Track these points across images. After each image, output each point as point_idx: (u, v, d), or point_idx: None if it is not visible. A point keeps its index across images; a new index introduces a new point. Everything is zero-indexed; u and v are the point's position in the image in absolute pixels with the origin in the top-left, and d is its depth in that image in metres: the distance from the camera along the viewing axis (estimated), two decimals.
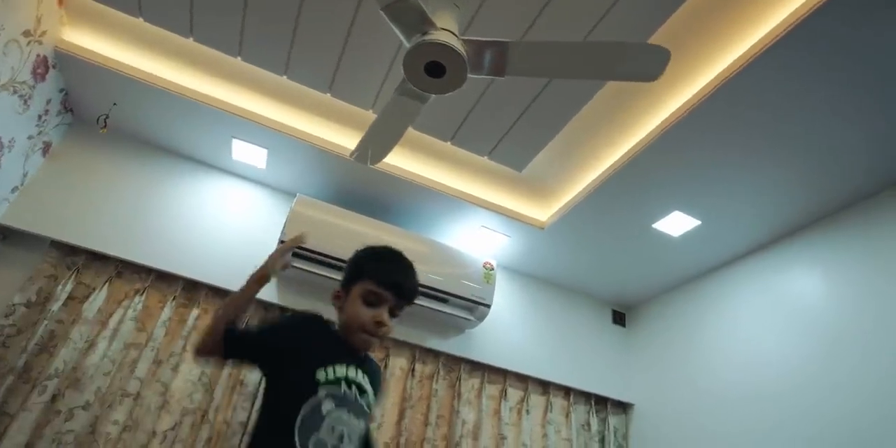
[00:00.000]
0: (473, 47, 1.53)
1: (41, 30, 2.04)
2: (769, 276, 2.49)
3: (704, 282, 2.84)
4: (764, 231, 2.51)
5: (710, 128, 2.03)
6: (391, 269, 1.25)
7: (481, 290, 2.63)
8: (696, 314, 2.79)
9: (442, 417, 2.51)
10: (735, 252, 2.67)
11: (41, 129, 2.26)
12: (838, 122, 1.92)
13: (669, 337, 2.89)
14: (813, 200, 2.30)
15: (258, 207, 2.64)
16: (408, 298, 1.24)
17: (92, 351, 2.05)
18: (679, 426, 2.61)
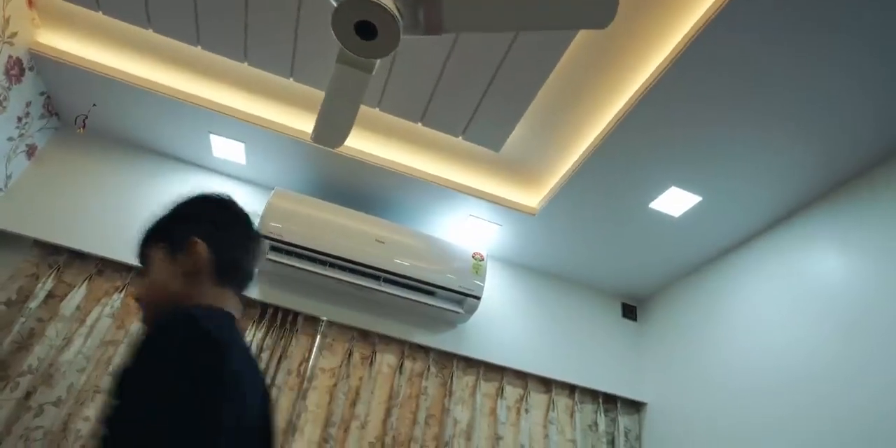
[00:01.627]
0: (404, 2, 1.43)
1: (10, 31, 2.08)
2: (785, 255, 2.25)
3: (716, 266, 2.60)
4: (773, 205, 2.28)
5: (695, 94, 1.86)
6: None
7: (470, 282, 2.49)
8: (710, 303, 2.56)
9: (433, 417, 2.37)
10: (744, 231, 2.44)
11: (22, 132, 2.30)
12: (840, 81, 1.72)
13: (684, 330, 2.66)
14: (823, 169, 2.07)
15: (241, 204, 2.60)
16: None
17: (67, 348, 2.04)
18: (696, 425, 2.37)
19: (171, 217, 1.02)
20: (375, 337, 2.48)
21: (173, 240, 0.97)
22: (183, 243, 0.95)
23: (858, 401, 1.74)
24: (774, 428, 1.99)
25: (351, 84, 1.70)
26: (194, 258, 0.94)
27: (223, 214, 1.05)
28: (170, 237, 0.98)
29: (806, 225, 2.21)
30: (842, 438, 1.74)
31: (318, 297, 2.47)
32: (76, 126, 2.35)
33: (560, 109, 2.18)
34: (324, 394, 2.27)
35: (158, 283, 0.95)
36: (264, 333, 2.30)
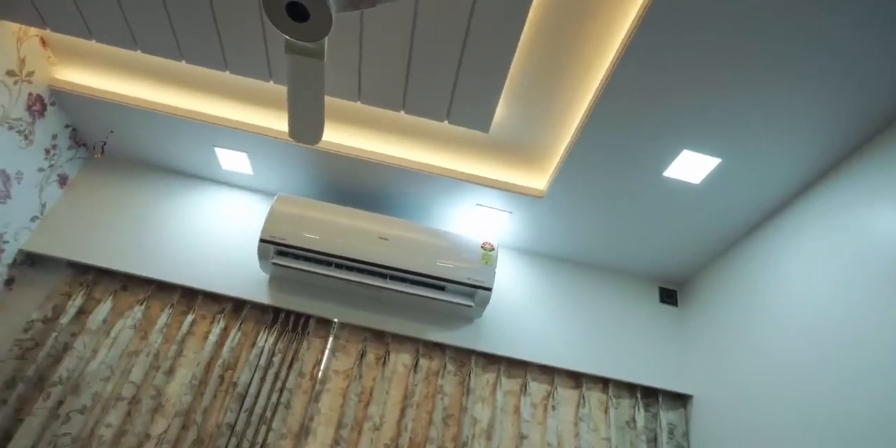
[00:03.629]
0: None
1: (27, 70, 2.28)
2: (832, 212, 1.94)
3: (758, 237, 2.31)
4: (806, 162, 1.99)
5: (690, 48, 1.66)
6: None
7: (480, 273, 2.37)
8: (756, 279, 2.26)
9: (451, 416, 2.26)
10: (780, 192, 2.15)
11: (52, 163, 2.50)
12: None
13: (730, 312, 2.37)
14: (860, 115, 1.77)
15: (250, 212, 2.67)
16: None
17: (93, 359, 2.16)
18: (750, 417, 2.07)
19: None
20: (389, 336, 2.42)
21: None
22: None
23: None
24: (840, 415, 1.69)
25: (307, 73, 1.67)
26: None
27: None
28: None
29: (850, 177, 1.90)
30: None
31: (329, 300, 2.46)
32: (94, 152, 2.51)
33: (545, 82, 2.04)
34: (337, 396, 2.24)
35: None
36: (276, 338, 2.31)
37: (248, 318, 2.38)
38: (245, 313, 2.38)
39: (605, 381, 2.43)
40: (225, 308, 2.38)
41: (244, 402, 2.12)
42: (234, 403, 2.12)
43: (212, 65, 2.17)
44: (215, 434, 2.06)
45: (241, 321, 2.35)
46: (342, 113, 2.36)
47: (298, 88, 1.72)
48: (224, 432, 2.05)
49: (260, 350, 2.26)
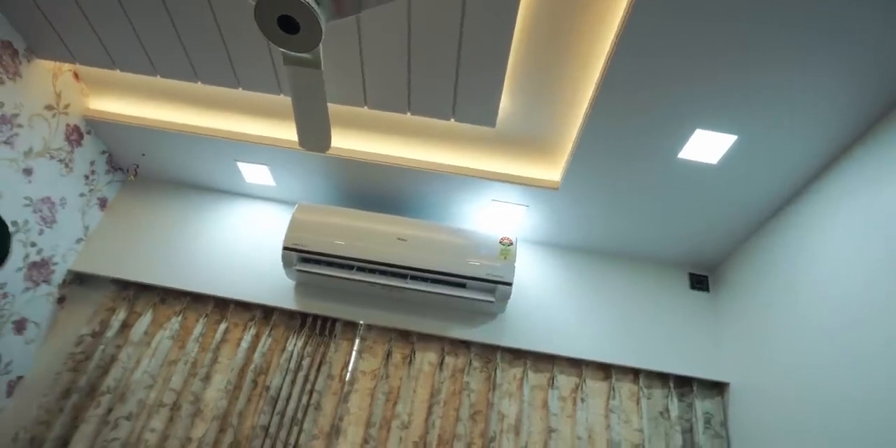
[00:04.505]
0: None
1: (63, 103, 2.46)
2: (864, 184, 1.84)
3: (788, 215, 2.20)
4: (827, 132, 1.89)
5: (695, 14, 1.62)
6: None
7: (499, 268, 2.37)
8: (790, 260, 2.16)
9: (479, 413, 2.26)
10: (807, 166, 2.05)
11: (91, 187, 2.68)
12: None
13: (765, 295, 2.27)
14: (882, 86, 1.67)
15: (275, 222, 2.77)
16: None
17: (136, 368, 2.29)
18: (791, 405, 1.97)
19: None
20: (414, 336, 2.46)
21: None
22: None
23: None
24: (891, 396, 1.60)
25: (308, 83, 1.74)
26: None
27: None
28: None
29: (878, 148, 1.79)
30: None
31: (353, 303, 2.51)
32: (127, 174, 2.68)
33: (547, 71, 2.03)
34: (365, 395, 2.29)
35: None
36: (304, 342, 2.38)
37: (277, 324, 2.47)
38: (274, 319, 2.47)
39: (635, 372, 2.37)
40: (255, 315, 2.47)
41: (276, 405, 2.20)
42: (267, 406, 2.20)
43: (225, 83, 2.28)
44: (250, 436, 2.14)
45: (270, 327, 2.43)
46: (353, 119, 2.42)
47: (302, 98, 1.79)
48: (258, 434, 2.13)
49: (290, 354, 2.33)
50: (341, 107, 2.36)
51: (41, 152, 2.38)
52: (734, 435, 2.20)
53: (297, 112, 1.85)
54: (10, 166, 2.25)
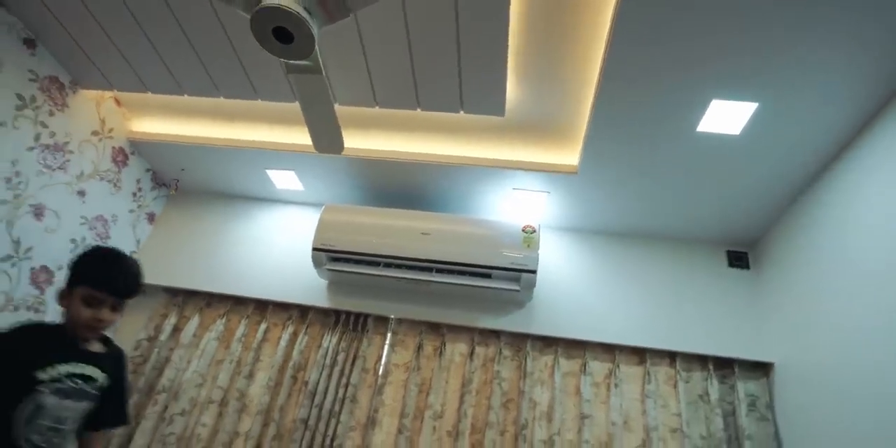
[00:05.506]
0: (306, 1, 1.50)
1: (108, 127, 2.67)
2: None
3: (822, 185, 2.07)
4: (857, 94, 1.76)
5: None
6: (107, 273, 1.37)
7: (522, 257, 2.37)
8: (832, 231, 2.02)
9: (511, 401, 2.27)
10: (835, 132, 1.92)
11: (140, 204, 2.90)
12: None
13: (809, 269, 2.13)
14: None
15: (306, 224, 2.87)
16: (125, 295, 1.40)
17: (187, 369, 2.45)
18: (843, 383, 1.84)
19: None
20: (444, 328, 2.49)
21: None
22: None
23: None
24: None
25: (312, 88, 1.81)
26: None
27: None
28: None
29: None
30: None
31: (384, 298, 2.58)
32: (168, 188, 2.87)
33: (550, 55, 2.00)
34: (398, 387, 2.34)
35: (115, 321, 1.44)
36: (338, 338, 2.47)
37: (313, 322, 2.57)
38: (310, 318, 2.57)
39: (671, 355, 2.30)
40: (292, 315, 2.58)
41: (315, 399, 2.29)
42: (306, 400, 2.30)
43: (244, 95, 2.40)
44: (291, 429, 2.25)
45: (307, 325, 2.54)
46: (370, 120, 2.48)
47: (309, 104, 1.86)
48: (299, 427, 2.23)
49: (325, 350, 2.42)
50: (355, 108, 2.42)
51: (91, 174, 2.60)
52: (781, 417, 2.08)
53: (307, 117, 1.92)
54: (66, 189, 2.47)
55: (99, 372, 1.40)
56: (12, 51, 2.20)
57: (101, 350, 1.46)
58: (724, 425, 2.09)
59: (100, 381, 1.40)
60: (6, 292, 2.23)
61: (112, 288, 1.36)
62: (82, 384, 1.36)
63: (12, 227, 2.23)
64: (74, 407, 1.34)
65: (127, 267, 1.45)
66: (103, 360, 1.43)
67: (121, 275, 1.41)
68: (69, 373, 1.34)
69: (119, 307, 1.40)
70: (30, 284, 2.33)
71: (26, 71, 2.27)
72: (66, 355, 1.35)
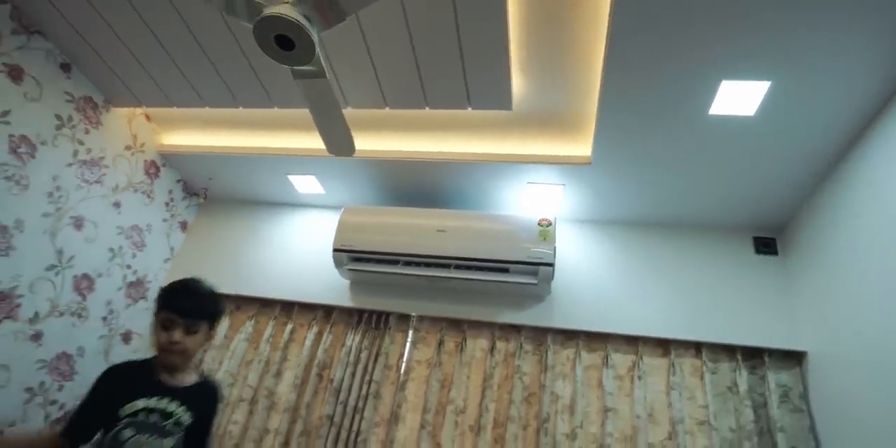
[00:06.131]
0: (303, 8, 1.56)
1: (139, 142, 2.82)
2: None
3: (851, 163, 1.97)
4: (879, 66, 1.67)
5: None
6: (174, 295, 1.46)
7: (539, 250, 2.35)
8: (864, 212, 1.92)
9: (533, 395, 2.25)
10: (858, 106, 1.83)
11: (172, 213, 3.04)
12: None
13: (840, 253, 2.02)
14: None
15: (329, 227, 2.93)
16: (192, 315, 1.42)
17: (219, 369, 2.55)
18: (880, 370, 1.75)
19: (220, 311, 1.58)
20: (465, 324, 2.50)
21: (212, 326, 1.52)
22: (212, 329, 1.53)
23: None
24: None
25: (319, 93, 1.86)
26: (211, 341, 1.54)
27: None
28: (211, 323, 1.51)
29: None
30: None
31: (405, 296, 2.61)
32: (198, 197, 3.00)
33: (553, 45, 1.98)
34: (421, 383, 2.36)
35: (196, 347, 1.46)
36: (361, 336, 2.52)
37: (336, 322, 2.63)
38: (334, 317, 2.63)
39: (697, 346, 2.23)
40: (317, 315, 2.65)
41: (339, 396, 2.34)
42: (331, 397, 2.35)
43: (261, 104, 2.49)
44: (318, 425, 2.30)
45: (331, 325, 2.60)
46: (382, 122, 2.53)
47: (317, 108, 1.91)
48: (325, 423, 2.28)
49: (349, 349, 2.47)
50: (367, 111, 2.47)
51: (126, 187, 2.75)
52: (817, 408, 1.98)
53: (317, 121, 1.98)
54: (103, 201, 2.63)
55: (180, 407, 1.39)
56: (50, 75, 2.36)
57: (191, 384, 1.46)
58: (755, 417, 2.00)
59: (181, 417, 1.38)
60: (52, 299, 2.39)
61: (178, 308, 1.40)
62: (160, 419, 1.35)
63: (55, 238, 2.39)
64: (154, 444, 1.32)
65: (194, 289, 1.49)
66: (189, 395, 1.42)
67: (186, 295, 1.45)
68: (148, 407, 1.35)
69: (193, 329, 1.41)
70: (73, 291, 2.48)
71: (63, 93, 2.43)
72: (147, 390, 1.37)
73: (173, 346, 1.38)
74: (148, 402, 1.35)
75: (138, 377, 1.40)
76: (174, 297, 1.45)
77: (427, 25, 1.96)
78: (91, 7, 2.13)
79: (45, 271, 2.35)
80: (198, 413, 1.43)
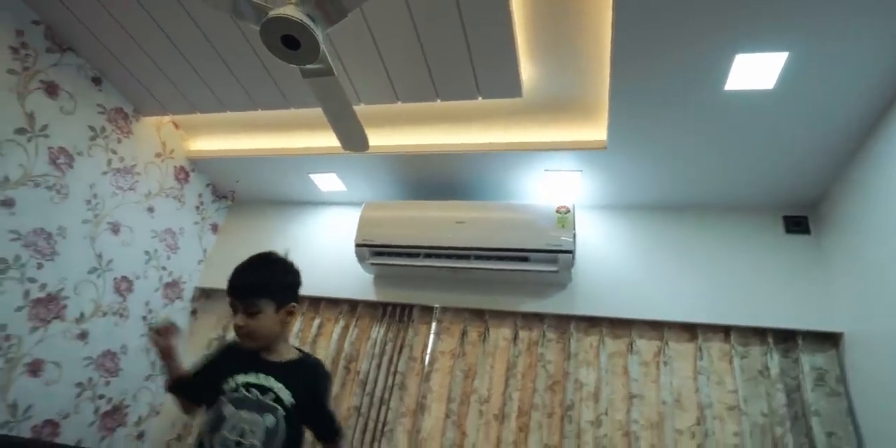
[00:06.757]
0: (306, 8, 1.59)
1: (168, 149, 2.95)
2: None
3: (883, 132, 1.87)
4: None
5: None
6: (231, 276, 1.44)
7: (558, 237, 2.33)
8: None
9: (557, 383, 2.23)
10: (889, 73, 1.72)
11: (203, 216, 3.16)
12: None
13: (877, 229, 1.92)
14: None
15: (351, 223, 2.98)
16: (241, 296, 1.39)
17: None
18: None
19: (282, 285, 1.48)
20: (487, 314, 2.50)
21: (281, 302, 1.42)
22: (286, 306, 1.44)
23: None
24: None
25: (329, 90, 1.90)
26: (293, 317, 1.47)
27: (299, 283, 1.54)
28: (279, 299, 1.42)
29: None
30: None
31: (427, 288, 2.64)
32: (227, 200, 3.10)
33: (559, 29, 1.96)
34: (445, 374, 2.38)
35: (265, 329, 1.38)
36: (385, 329, 2.56)
37: (362, 316, 2.68)
38: (359, 311, 2.68)
39: (725, 330, 2.16)
40: (343, 310, 2.71)
41: (366, 387, 2.39)
42: (358, 389, 2.40)
43: (278, 106, 2.56)
44: (346, 416, 2.36)
45: (356, 318, 2.65)
46: (396, 117, 2.55)
47: (328, 105, 1.95)
48: (353, 414, 2.34)
49: (374, 341, 2.52)
50: (381, 107, 2.49)
51: (158, 192, 2.87)
52: (854, 390, 1.89)
53: (329, 118, 2.02)
54: (137, 207, 2.76)
55: (277, 382, 1.34)
56: (83, 88, 2.49)
57: (289, 360, 1.41)
58: (788, 401, 1.93)
59: (280, 394, 1.33)
60: (95, 300, 2.53)
61: (231, 289, 1.40)
62: (258, 394, 1.31)
63: (94, 243, 2.52)
64: (254, 420, 1.28)
65: (247, 266, 1.47)
66: (287, 371, 1.37)
67: (237, 275, 1.43)
68: (246, 382, 1.32)
69: (250, 310, 1.36)
70: (113, 292, 2.61)
71: (95, 105, 2.56)
72: (246, 366, 1.35)
73: (238, 330, 1.35)
74: (247, 378, 1.32)
75: (243, 353, 1.38)
76: (231, 277, 1.42)
77: (431, 17, 1.96)
78: (116, 22, 2.24)
79: (88, 274, 2.49)
80: (297, 390, 1.35)
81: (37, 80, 2.29)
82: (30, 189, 2.25)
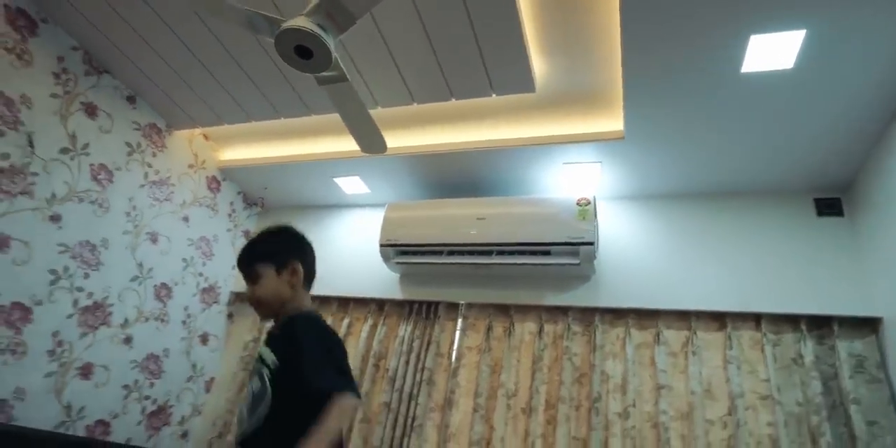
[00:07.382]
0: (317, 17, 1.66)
1: (200, 160, 3.08)
2: None
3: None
4: None
5: None
6: None
7: (578, 230, 2.32)
8: None
9: (584, 376, 2.22)
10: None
11: (235, 223, 3.28)
12: None
13: None
14: None
15: (376, 224, 3.04)
16: (240, 268, 1.42)
17: None
18: None
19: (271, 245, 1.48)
20: (512, 308, 2.51)
21: (280, 263, 1.41)
22: (287, 265, 1.41)
23: None
24: None
25: (344, 96, 1.97)
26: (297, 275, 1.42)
27: (302, 241, 1.55)
28: (276, 261, 1.41)
29: None
30: None
31: (452, 285, 2.66)
32: (257, 207, 3.22)
33: (568, 20, 1.97)
34: (472, 369, 2.40)
35: (266, 294, 1.37)
36: (412, 326, 2.60)
37: (389, 314, 2.73)
38: (386, 310, 2.73)
39: (756, 318, 2.10)
40: (371, 309, 2.77)
41: (395, 384, 2.43)
42: (387, 386, 2.45)
43: (300, 113, 2.65)
44: (377, 412, 2.41)
45: (384, 317, 2.70)
46: (414, 118, 2.59)
47: (346, 111, 2.01)
48: (383, 410, 2.38)
49: (402, 339, 2.56)
50: (398, 109, 2.54)
51: (192, 202, 3.01)
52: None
53: (347, 122, 2.08)
54: (173, 217, 2.89)
55: (268, 350, 1.28)
56: (119, 107, 2.64)
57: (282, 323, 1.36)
58: (824, 390, 1.86)
59: (263, 355, 1.28)
60: (138, 306, 2.66)
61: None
62: (257, 363, 1.28)
63: (135, 252, 2.66)
64: (253, 386, 1.26)
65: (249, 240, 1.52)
66: (275, 336, 1.33)
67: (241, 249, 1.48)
68: (258, 354, 1.32)
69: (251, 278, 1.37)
70: (154, 299, 2.75)
71: (131, 122, 2.70)
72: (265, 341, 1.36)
73: (249, 302, 1.37)
74: (259, 350, 1.32)
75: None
76: None
77: (440, 17, 1.99)
78: (146, 44, 2.36)
79: (130, 282, 2.63)
80: (280, 349, 1.26)
81: (77, 102, 2.44)
82: (75, 204, 2.39)
